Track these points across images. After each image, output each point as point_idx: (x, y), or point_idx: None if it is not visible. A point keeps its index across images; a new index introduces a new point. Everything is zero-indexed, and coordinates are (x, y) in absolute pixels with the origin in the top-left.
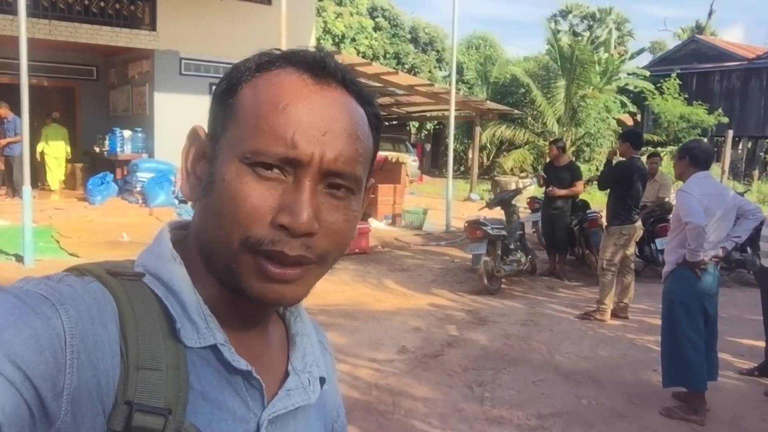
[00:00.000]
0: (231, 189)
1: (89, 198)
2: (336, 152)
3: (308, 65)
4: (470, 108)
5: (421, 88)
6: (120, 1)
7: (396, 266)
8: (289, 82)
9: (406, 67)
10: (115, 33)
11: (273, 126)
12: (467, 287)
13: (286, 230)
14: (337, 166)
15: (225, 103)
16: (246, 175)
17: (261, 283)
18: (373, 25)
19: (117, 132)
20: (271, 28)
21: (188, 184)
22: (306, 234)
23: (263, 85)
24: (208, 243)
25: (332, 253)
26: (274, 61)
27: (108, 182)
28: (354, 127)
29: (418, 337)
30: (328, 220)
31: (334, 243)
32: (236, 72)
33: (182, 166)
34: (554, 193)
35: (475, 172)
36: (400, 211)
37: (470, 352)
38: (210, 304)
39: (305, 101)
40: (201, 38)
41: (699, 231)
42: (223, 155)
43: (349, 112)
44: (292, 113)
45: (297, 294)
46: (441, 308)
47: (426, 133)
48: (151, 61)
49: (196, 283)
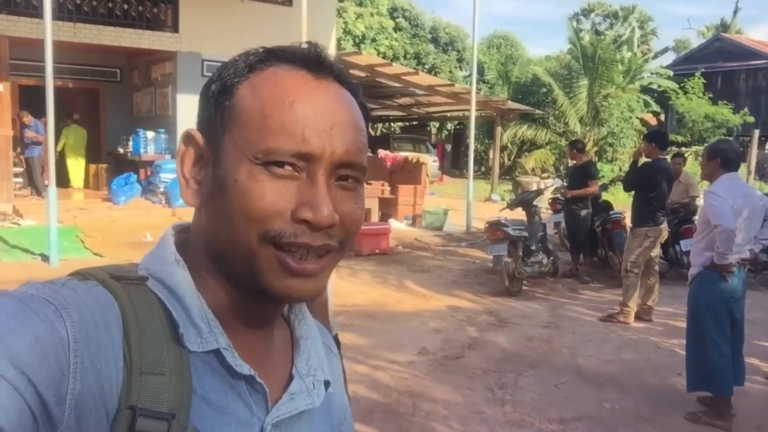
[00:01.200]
0: (245, 188)
1: (113, 198)
2: (345, 144)
3: (304, 61)
4: (491, 108)
5: (442, 88)
6: (143, 4)
7: (416, 267)
8: (289, 80)
9: (427, 68)
10: (138, 35)
11: (282, 124)
12: (488, 289)
13: (308, 224)
14: (347, 157)
15: (221, 105)
16: (259, 174)
17: (283, 279)
18: (393, 25)
19: (140, 133)
20: (292, 29)
21: (189, 190)
22: (328, 227)
23: (262, 83)
24: (221, 246)
25: (349, 241)
26: (267, 59)
27: (132, 183)
28: (356, 119)
29: (438, 339)
30: (344, 211)
31: (351, 231)
32: (227, 72)
33: (179, 172)
34: (566, 194)
35: (496, 172)
36: (421, 211)
37: (491, 354)
38: (214, 308)
39: (309, 97)
40: (223, 39)
41: (729, 234)
42: (230, 157)
43: (350, 105)
44: (298, 109)
45: (317, 288)
46: (461, 310)
47: (446, 134)
48: (174, 63)
49: (200, 286)
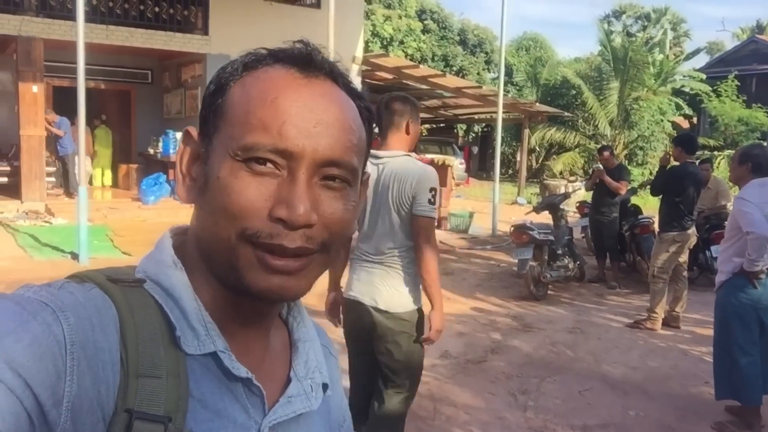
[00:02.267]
0: (225, 185)
1: (143, 198)
2: (329, 143)
3: (295, 60)
4: (519, 110)
5: (469, 90)
6: (174, 7)
7: (440, 270)
8: (277, 77)
9: (454, 70)
10: (169, 37)
11: (261, 119)
12: (513, 293)
13: (284, 223)
14: (332, 156)
15: (214, 104)
16: (240, 171)
17: (263, 276)
18: (421, 27)
19: (170, 134)
20: (319, 31)
21: (184, 186)
22: (304, 226)
23: (251, 82)
24: (207, 242)
25: (334, 243)
26: (261, 59)
27: (161, 183)
28: (345, 118)
29: (460, 342)
30: (327, 211)
31: (335, 233)
32: (224, 73)
33: (177, 168)
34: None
35: (524, 175)
36: (446, 214)
37: (514, 359)
38: (210, 310)
39: (294, 94)
40: (251, 41)
41: (763, 242)
42: (216, 154)
43: (340, 103)
44: (280, 105)
45: (300, 287)
46: (485, 313)
47: (474, 136)
48: (204, 65)
49: (197, 288)
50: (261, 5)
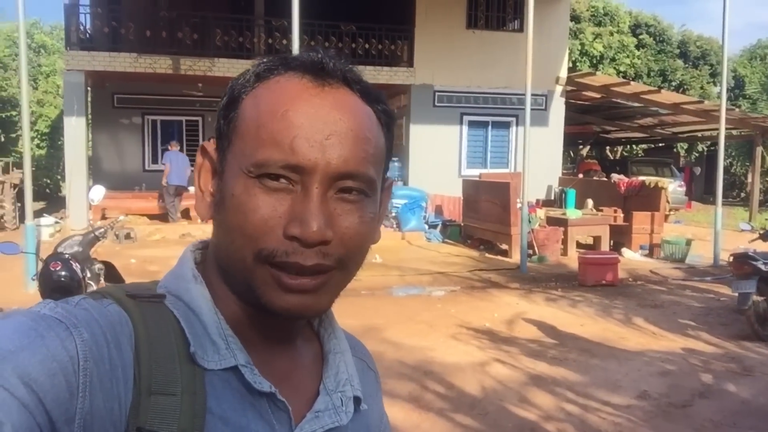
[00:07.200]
0: (240, 203)
1: None
2: (343, 155)
3: (307, 67)
4: (750, 126)
5: (688, 105)
6: (382, 42)
7: (647, 302)
8: (289, 87)
9: (674, 85)
10: (377, 71)
11: (272, 133)
12: (732, 330)
13: (299, 241)
14: (345, 168)
15: (228, 117)
16: (253, 188)
17: (281, 295)
18: (635, 42)
19: None
20: (522, 55)
21: (202, 202)
22: (319, 243)
23: (263, 93)
24: (224, 260)
25: (352, 258)
26: (273, 68)
27: None
28: (360, 127)
29: (663, 383)
30: (343, 226)
31: (352, 248)
32: (237, 85)
33: (195, 184)
34: None
35: (756, 198)
36: (659, 240)
37: (727, 405)
38: (232, 324)
39: (305, 105)
40: (453, 70)
41: None
42: (230, 170)
43: (354, 112)
44: (291, 118)
45: (320, 304)
46: (696, 352)
47: (696, 156)
48: (408, 96)
49: (218, 302)
50: (464, 34)
